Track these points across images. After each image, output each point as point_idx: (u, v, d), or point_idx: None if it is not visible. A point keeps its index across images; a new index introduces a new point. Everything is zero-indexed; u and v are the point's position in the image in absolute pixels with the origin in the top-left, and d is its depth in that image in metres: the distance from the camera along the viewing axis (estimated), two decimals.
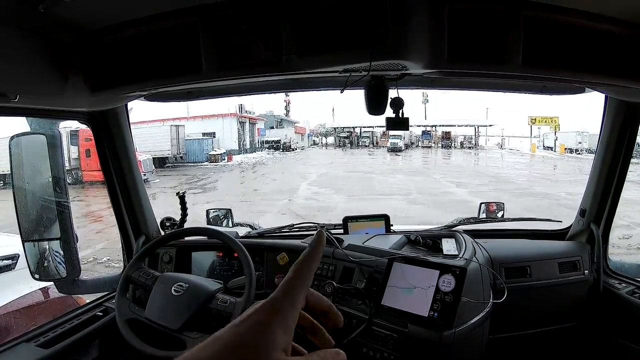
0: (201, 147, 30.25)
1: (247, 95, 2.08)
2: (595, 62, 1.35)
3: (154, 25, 1.41)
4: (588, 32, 1.30)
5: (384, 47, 1.28)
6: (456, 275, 1.63)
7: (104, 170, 2.16)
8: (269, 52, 1.34)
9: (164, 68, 1.48)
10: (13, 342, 1.76)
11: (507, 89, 2.10)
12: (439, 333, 1.60)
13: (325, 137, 47.50)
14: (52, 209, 2.05)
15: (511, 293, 1.84)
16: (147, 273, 1.87)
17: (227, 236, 1.89)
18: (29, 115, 1.89)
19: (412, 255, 1.87)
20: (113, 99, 1.84)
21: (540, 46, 1.29)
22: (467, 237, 2.12)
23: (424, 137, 42.92)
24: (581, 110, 19.38)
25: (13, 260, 3.71)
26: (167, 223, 2.31)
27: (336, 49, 1.33)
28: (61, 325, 1.90)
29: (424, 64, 1.35)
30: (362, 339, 1.75)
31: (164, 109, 42.12)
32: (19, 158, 1.98)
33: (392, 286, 1.72)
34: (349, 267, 1.93)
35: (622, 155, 2.08)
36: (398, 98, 1.75)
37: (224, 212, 2.60)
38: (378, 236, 2.19)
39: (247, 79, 1.57)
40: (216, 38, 1.37)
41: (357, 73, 1.52)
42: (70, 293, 2.65)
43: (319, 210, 12.24)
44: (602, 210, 2.21)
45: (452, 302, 1.59)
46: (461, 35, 1.26)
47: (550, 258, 2.16)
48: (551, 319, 2.18)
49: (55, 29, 1.37)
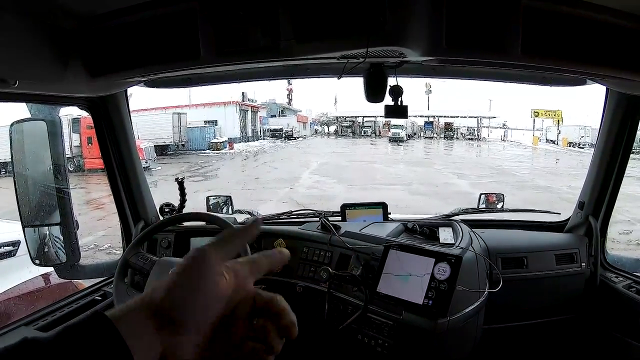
0: (203, 135, 30.23)
1: (246, 82, 2.07)
2: (596, 54, 1.34)
3: (154, 10, 1.41)
4: (589, 23, 1.30)
5: (381, 33, 1.28)
6: (451, 263, 1.63)
7: (103, 156, 2.16)
8: (267, 38, 1.34)
9: (162, 53, 1.48)
10: (12, 325, 1.78)
11: (507, 79, 2.09)
12: (433, 321, 1.61)
13: (327, 126, 47.33)
14: (52, 195, 2.05)
15: (507, 283, 1.83)
16: (145, 258, 1.88)
17: (225, 221, 1.90)
18: (28, 101, 1.89)
19: (408, 243, 1.88)
20: (112, 84, 1.84)
21: (540, 36, 1.29)
22: (464, 226, 2.12)
23: (426, 128, 42.75)
24: (584, 104, 19.27)
25: (14, 247, 3.74)
26: (166, 209, 2.32)
27: (333, 35, 1.32)
28: (60, 309, 1.93)
29: (421, 51, 1.35)
30: (357, 326, 1.77)
31: (166, 96, 42.00)
32: (19, 144, 1.98)
33: (388, 273, 1.73)
34: (346, 254, 1.94)
35: (622, 148, 2.07)
36: (397, 86, 1.75)
37: (223, 199, 2.60)
38: (375, 224, 2.19)
39: (245, 64, 1.57)
40: (214, 24, 1.37)
41: (355, 60, 1.52)
42: (70, 278, 2.67)
43: (320, 199, 12.26)
44: (600, 203, 2.20)
45: (447, 291, 1.60)
46: (460, 23, 1.25)
47: (547, 250, 2.15)
48: (547, 311, 2.18)
49: (54, 14, 1.37)
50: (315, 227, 2.13)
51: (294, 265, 2.03)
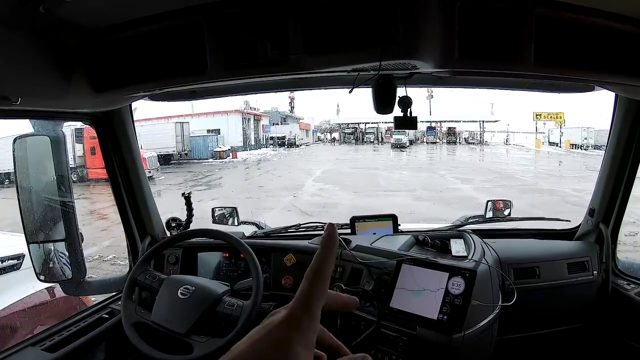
0: (206, 143, 30.30)
1: (252, 94, 2.06)
2: (607, 61, 1.33)
3: (158, 24, 1.39)
4: (601, 31, 1.29)
5: (394, 47, 1.26)
6: (466, 277, 1.61)
7: (108, 171, 2.14)
8: (276, 51, 1.32)
9: (168, 68, 1.46)
10: (19, 346, 1.75)
11: (516, 87, 2.08)
12: (448, 336, 1.59)
13: (330, 133, 47.38)
14: (56, 211, 2.03)
15: (520, 294, 1.82)
16: (153, 276, 1.85)
17: (234, 238, 1.88)
18: (31, 118, 1.87)
19: (421, 257, 1.85)
20: (117, 99, 1.82)
21: (552, 45, 1.27)
22: (475, 237, 2.10)
23: (428, 133, 42.68)
24: (586, 106, 19.22)
25: (19, 260, 3.72)
26: (173, 223, 2.30)
27: (345, 49, 1.30)
28: (67, 329, 1.90)
29: (434, 63, 1.32)
30: (371, 342, 1.74)
31: (168, 106, 41.96)
32: (22, 160, 1.96)
33: (401, 288, 1.70)
34: (357, 268, 1.91)
35: (632, 154, 2.05)
36: (406, 97, 1.72)
37: (229, 210, 2.57)
38: (386, 237, 2.17)
39: (253, 78, 1.55)
40: (222, 37, 1.35)
41: (366, 72, 1.50)
42: (76, 294, 2.64)
43: (324, 207, 12.23)
44: (611, 210, 2.18)
45: (462, 305, 1.58)
46: (472, 34, 1.23)
47: (559, 258, 2.13)
48: (559, 320, 2.16)
49: (57, 29, 1.34)
50: None
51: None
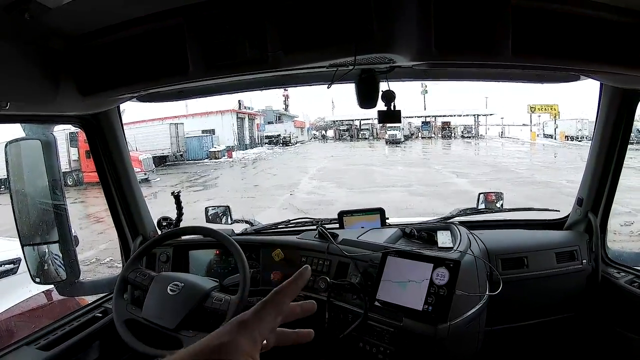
0: (201, 144, 30.29)
1: (237, 93, 2.08)
2: (587, 50, 1.32)
3: (141, 27, 1.41)
4: (579, 19, 1.28)
5: (369, 41, 1.28)
6: (450, 268, 1.62)
7: (99, 173, 2.17)
8: (254, 50, 1.34)
9: (152, 70, 1.48)
10: (14, 345, 1.77)
11: (500, 79, 2.08)
12: (433, 327, 1.60)
13: (325, 130, 47.37)
14: (49, 213, 2.05)
15: (508, 284, 1.82)
16: (144, 273, 1.88)
17: (221, 234, 1.90)
18: (20, 122, 1.90)
19: (405, 249, 1.87)
20: (104, 102, 1.84)
21: (530, 35, 1.27)
22: (462, 228, 2.12)
23: (423, 128, 42.75)
24: (580, 97, 19.23)
25: (15, 265, 3.74)
26: (164, 222, 2.31)
27: (321, 45, 1.32)
28: (61, 328, 1.92)
29: (411, 56, 1.33)
30: (358, 334, 1.76)
31: (162, 107, 41.93)
32: (14, 164, 1.98)
33: (387, 280, 1.72)
34: (344, 261, 1.94)
35: (619, 142, 2.05)
36: (389, 91, 1.74)
37: (222, 209, 2.59)
38: (373, 230, 2.19)
39: (235, 77, 1.57)
40: (202, 38, 1.36)
41: (344, 67, 1.51)
42: (70, 295, 2.66)
43: (320, 204, 12.28)
44: (599, 199, 2.19)
45: (446, 296, 1.59)
46: (449, 26, 1.23)
47: (547, 248, 2.14)
48: (549, 310, 2.17)
49: (43, 36, 1.37)
50: (313, 236, 2.13)
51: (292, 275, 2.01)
